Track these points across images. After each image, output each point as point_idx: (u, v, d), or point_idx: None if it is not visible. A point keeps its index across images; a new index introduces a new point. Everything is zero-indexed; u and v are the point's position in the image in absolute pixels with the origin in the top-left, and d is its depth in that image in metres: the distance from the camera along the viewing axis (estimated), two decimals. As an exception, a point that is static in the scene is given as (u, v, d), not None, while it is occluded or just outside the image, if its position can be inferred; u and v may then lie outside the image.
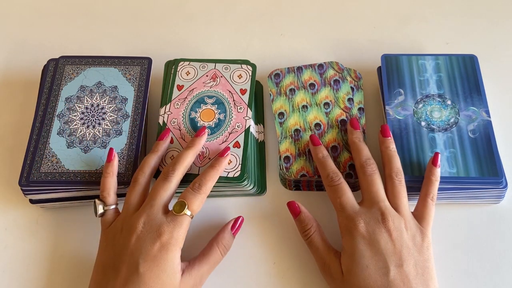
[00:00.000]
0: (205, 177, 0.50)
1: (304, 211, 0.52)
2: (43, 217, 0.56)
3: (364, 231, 0.46)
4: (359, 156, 0.52)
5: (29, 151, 0.54)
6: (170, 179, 0.49)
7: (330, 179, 0.51)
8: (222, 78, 0.59)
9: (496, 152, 0.53)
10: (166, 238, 0.45)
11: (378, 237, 0.46)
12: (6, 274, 0.53)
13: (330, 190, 0.50)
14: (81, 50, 0.68)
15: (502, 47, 0.67)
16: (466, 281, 0.51)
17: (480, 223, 0.54)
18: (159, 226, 0.46)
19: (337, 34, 0.69)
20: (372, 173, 0.50)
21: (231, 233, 0.51)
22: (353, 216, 0.47)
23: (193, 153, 0.52)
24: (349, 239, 0.47)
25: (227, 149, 0.53)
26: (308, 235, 0.50)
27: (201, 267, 0.48)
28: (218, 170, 0.51)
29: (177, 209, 0.47)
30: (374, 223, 0.47)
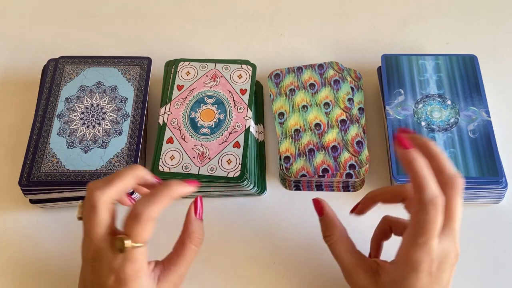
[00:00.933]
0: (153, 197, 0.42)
1: (328, 214, 0.47)
2: (43, 217, 0.56)
3: (434, 270, 0.40)
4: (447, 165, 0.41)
5: (29, 151, 0.54)
6: (96, 209, 0.42)
7: (432, 207, 0.39)
8: (222, 78, 0.59)
9: (496, 152, 0.53)
10: (119, 275, 0.41)
11: (443, 276, 0.41)
12: (6, 274, 0.53)
13: (423, 221, 0.39)
14: (81, 50, 0.68)
15: (502, 47, 0.67)
16: (466, 281, 0.51)
17: (480, 223, 0.54)
18: (108, 263, 0.41)
19: (337, 34, 0.69)
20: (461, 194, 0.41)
21: (197, 219, 0.46)
22: (432, 256, 0.40)
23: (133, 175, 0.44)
24: (411, 271, 0.40)
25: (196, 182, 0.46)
26: (329, 242, 0.46)
27: (178, 269, 0.45)
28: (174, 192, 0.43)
29: (120, 247, 0.40)
30: (446, 263, 0.41)
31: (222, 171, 0.53)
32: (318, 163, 0.55)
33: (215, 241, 0.54)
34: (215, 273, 0.52)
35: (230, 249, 0.53)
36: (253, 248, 0.53)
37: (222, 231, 0.55)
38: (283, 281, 0.52)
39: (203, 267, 0.52)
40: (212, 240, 0.54)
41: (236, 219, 0.55)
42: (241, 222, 0.55)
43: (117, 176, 0.43)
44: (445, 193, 0.40)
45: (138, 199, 0.43)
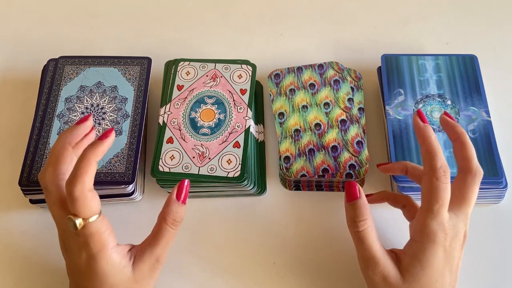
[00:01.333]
0: (74, 174, 0.42)
1: (364, 199, 0.45)
2: (43, 217, 0.56)
3: (448, 246, 0.43)
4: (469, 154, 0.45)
5: (29, 151, 0.54)
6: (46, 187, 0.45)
7: (441, 174, 0.43)
8: (222, 78, 0.59)
9: (496, 152, 0.53)
10: (87, 250, 0.43)
11: (455, 254, 0.44)
12: (6, 274, 0.53)
13: (433, 188, 0.43)
14: (81, 50, 0.68)
15: (502, 47, 0.67)
16: (466, 281, 0.51)
17: (480, 223, 0.54)
18: (74, 241, 0.43)
19: (337, 34, 0.69)
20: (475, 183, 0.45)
21: (178, 202, 0.46)
22: (445, 227, 0.43)
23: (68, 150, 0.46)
24: (430, 248, 0.43)
25: (110, 131, 0.45)
26: (362, 227, 0.44)
27: (153, 250, 0.45)
28: (91, 160, 0.43)
29: (72, 226, 0.42)
30: (457, 239, 0.44)
31: (222, 171, 0.53)
32: (318, 163, 0.55)
33: (215, 241, 0.54)
34: (215, 273, 0.52)
35: (230, 249, 0.53)
36: (253, 248, 0.53)
37: (222, 231, 0.55)
38: (283, 281, 0.52)
39: (203, 267, 0.52)
40: (212, 240, 0.54)
41: (236, 219, 0.55)
42: (241, 222, 0.55)
43: (51, 153, 0.46)
44: (466, 177, 0.45)
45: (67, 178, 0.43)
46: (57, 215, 0.44)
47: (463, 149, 0.46)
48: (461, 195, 0.45)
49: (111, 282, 0.43)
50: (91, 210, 0.42)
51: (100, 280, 0.43)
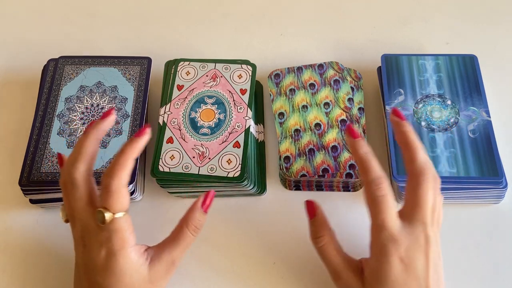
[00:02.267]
0: (113, 168, 0.43)
1: (320, 215, 0.47)
2: (43, 217, 0.56)
3: (404, 256, 0.42)
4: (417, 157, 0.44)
5: (29, 151, 0.54)
6: (74, 184, 0.44)
7: (375, 187, 0.43)
8: (222, 78, 0.59)
9: (496, 152, 0.53)
10: (108, 246, 0.43)
11: (417, 263, 0.42)
12: (6, 274, 0.53)
13: (372, 201, 0.43)
14: (81, 50, 0.68)
15: (502, 47, 0.67)
16: (466, 281, 0.51)
17: (480, 223, 0.54)
18: (96, 236, 0.43)
19: (337, 34, 0.69)
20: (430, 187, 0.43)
21: (202, 210, 0.47)
22: (395, 238, 0.42)
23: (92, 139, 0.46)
24: (384, 262, 0.42)
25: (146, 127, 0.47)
26: (320, 244, 0.46)
27: (171, 252, 0.46)
28: (128, 155, 0.44)
29: (101, 219, 0.43)
30: (416, 248, 0.42)
31: (222, 171, 0.53)
32: (318, 163, 0.55)
33: (215, 241, 0.54)
34: (215, 273, 0.52)
35: (230, 249, 0.53)
36: (253, 248, 0.53)
37: (222, 231, 0.55)
38: (283, 281, 0.51)
39: (203, 267, 0.52)
40: (212, 240, 0.54)
41: (236, 219, 0.55)
42: (241, 222, 0.55)
43: (80, 146, 0.46)
44: (411, 180, 0.44)
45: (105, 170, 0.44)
46: (82, 210, 0.44)
47: (404, 151, 0.46)
48: (411, 199, 0.44)
49: (127, 281, 0.43)
50: (122, 205, 0.43)
51: (116, 277, 0.43)
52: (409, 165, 0.45)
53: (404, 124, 0.47)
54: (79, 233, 0.44)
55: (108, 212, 0.42)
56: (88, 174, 0.45)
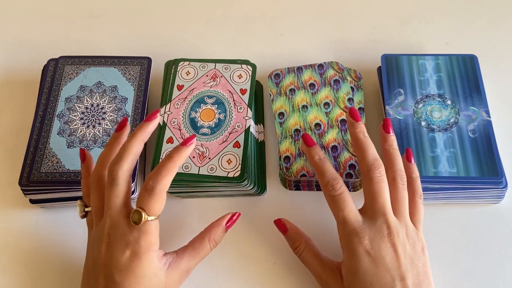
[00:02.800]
0: (159, 172, 0.45)
1: (291, 228, 0.50)
2: (43, 217, 0.56)
3: (369, 248, 0.44)
4: (366, 156, 0.47)
5: (29, 151, 0.54)
6: (117, 181, 0.45)
7: (330, 188, 0.46)
8: (222, 78, 0.59)
9: (496, 152, 0.53)
10: (134, 248, 0.43)
11: (383, 253, 0.44)
12: (6, 274, 0.53)
13: (330, 200, 0.47)
14: (81, 50, 0.68)
15: (502, 47, 0.67)
16: (466, 281, 0.51)
17: (480, 223, 0.54)
18: (124, 236, 0.44)
19: (337, 34, 0.69)
20: (380, 180, 0.46)
21: (224, 228, 0.49)
22: (357, 231, 0.45)
23: (139, 142, 0.47)
24: (352, 256, 0.45)
25: (192, 137, 0.47)
26: (299, 252, 0.49)
27: (190, 261, 0.47)
28: (176, 162, 0.45)
29: (136, 219, 0.43)
30: (380, 238, 0.44)
31: (222, 171, 0.53)
32: (318, 163, 0.54)
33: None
34: (215, 273, 0.52)
35: (230, 249, 0.53)
36: (253, 248, 0.53)
37: (222, 231, 0.55)
38: (283, 281, 0.52)
39: (202, 267, 0.52)
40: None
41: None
42: (241, 222, 0.55)
43: (127, 147, 0.46)
44: (364, 178, 0.47)
45: (157, 165, 0.46)
46: (117, 207, 0.45)
47: (356, 150, 0.49)
48: (368, 195, 0.47)
49: (146, 283, 0.44)
50: (159, 209, 0.44)
51: (136, 279, 0.43)
52: (361, 164, 0.48)
53: (356, 126, 0.49)
54: (106, 230, 0.44)
55: (145, 213, 0.43)
56: (129, 174, 0.46)
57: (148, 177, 0.44)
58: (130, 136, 0.47)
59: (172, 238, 0.54)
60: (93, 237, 0.46)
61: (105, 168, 0.47)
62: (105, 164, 0.48)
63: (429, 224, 0.54)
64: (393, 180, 0.47)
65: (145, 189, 0.44)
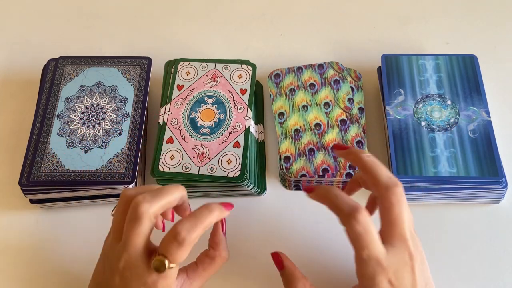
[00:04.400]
0: (195, 223, 0.42)
1: (289, 267, 0.47)
2: (43, 217, 0.56)
3: (393, 280, 0.41)
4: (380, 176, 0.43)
5: (29, 151, 0.54)
6: (141, 221, 0.41)
7: (353, 220, 0.41)
8: (222, 78, 0.59)
9: (496, 152, 0.53)
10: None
11: (406, 281, 0.41)
12: (6, 274, 0.53)
13: (355, 236, 0.41)
14: (81, 50, 0.68)
15: (502, 47, 0.67)
16: (466, 281, 0.51)
17: (480, 223, 0.54)
18: (141, 276, 0.41)
19: (337, 34, 0.69)
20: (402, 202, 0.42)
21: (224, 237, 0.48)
22: (383, 266, 0.41)
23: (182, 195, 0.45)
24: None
25: (230, 206, 0.46)
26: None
27: (200, 282, 0.46)
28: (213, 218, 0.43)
29: (157, 267, 0.41)
30: (403, 267, 0.41)
31: (222, 171, 0.53)
32: (318, 163, 0.55)
33: (215, 241, 0.54)
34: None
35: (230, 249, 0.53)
36: (253, 248, 0.53)
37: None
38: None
39: (203, 267, 0.52)
40: (212, 240, 0.54)
41: (236, 219, 0.55)
42: (241, 222, 0.55)
43: (165, 191, 0.43)
44: (381, 198, 0.42)
45: (180, 220, 0.42)
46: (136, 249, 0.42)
47: (366, 170, 0.44)
48: (386, 218, 0.42)
49: None
50: (183, 258, 0.41)
51: None
52: (374, 188, 0.44)
53: (350, 152, 0.46)
54: (122, 265, 0.42)
55: (168, 262, 0.40)
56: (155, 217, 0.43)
57: (179, 225, 0.41)
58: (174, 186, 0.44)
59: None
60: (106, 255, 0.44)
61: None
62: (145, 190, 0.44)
63: (429, 224, 0.54)
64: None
65: (174, 238, 0.41)
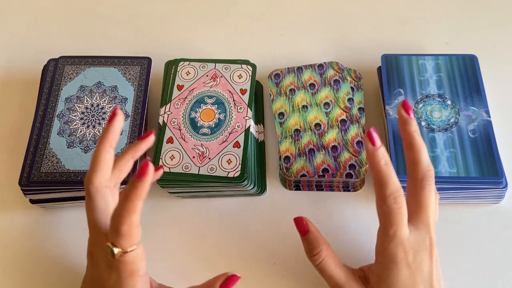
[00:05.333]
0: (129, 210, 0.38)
1: (313, 231, 0.46)
2: (43, 217, 0.56)
3: (411, 261, 0.42)
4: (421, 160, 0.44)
5: (29, 151, 0.54)
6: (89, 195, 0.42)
7: (393, 200, 0.42)
8: (222, 78, 0.59)
9: (496, 152, 0.53)
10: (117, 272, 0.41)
11: (423, 265, 0.43)
12: (6, 274, 0.53)
13: (387, 213, 0.42)
14: (81, 50, 0.68)
15: (502, 47, 0.67)
16: (466, 281, 0.51)
17: (480, 223, 0.54)
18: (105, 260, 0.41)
19: (337, 34, 0.69)
20: (432, 189, 0.44)
21: None
22: (404, 245, 0.42)
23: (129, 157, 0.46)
24: (393, 268, 0.43)
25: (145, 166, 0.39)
26: (318, 261, 0.45)
27: None
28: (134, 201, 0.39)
29: (111, 254, 0.39)
30: (422, 250, 0.43)
31: (222, 171, 0.53)
32: (318, 163, 0.55)
33: (215, 241, 0.54)
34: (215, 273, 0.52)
35: (230, 249, 0.53)
36: (253, 248, 0.53)
37: (222, 231, 0.55)
38: (283, 281, 0.52)
39: (202, 267, 0.52)
40: (212, 240, 0.54)
41: (236, 219, 0.55)
42: (241, 222, 0.55)
43: (94, 158, 0.43)
44: (415, 184, 0.44)
45: (115, 209, 0.39)
46: (93, 225, 0.42)
47: (410, 151, 0.45)
48: (416, 204, 0.44)
49: None
50: (133, 243, 0.40)
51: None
52: (412, 167, 0.44)
53: (411, 123, 0.45)
54: (89, 246, 0.43)
55: (117, 248, 0.39)
56: (103, 186, 0.43)
57: (113, 213, 0.39)
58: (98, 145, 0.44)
59: (172, 238, 0.54)
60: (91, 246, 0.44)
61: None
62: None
63: (429, 224, 0.54)
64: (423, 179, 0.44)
65: (113, 227, 0.39)
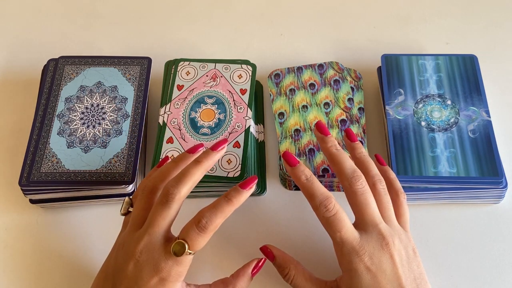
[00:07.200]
0: (215, 212, 0.42)
1: (279, 255, 0.48)
2: (43, 217, 0.56)
3: (370, 264, 0.43)
4: (344, 170, 0.46)
5: (29, 151, 0.54)
6: (170, 204, 0.43)
7: (324, 209, 0.44)
8: (222, 78, 0.59)
9: (496, 152, 0.53)
10: (164, 275, 0.41)
11: (384, 266, 0.43)
12: (6, 274, 0.53)
13: (325, 222, 0.44)
14: (81, 50, 0.68)
15: (502, 47, 0.67)
16: (466, 281, 0.51)
17: (480, 223, 0.54)
18: (157, 261, 0.41)
19: (337, 34, 0.69)
20: (364, 191, 0.45)
21: (250, 276, 0.48)
22: (356, 249, 0.43)
23: (202, 170, 0.45)
24: (353, 276, 0.43)
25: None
26: (289, 279, 0.47)
27: None
28: (233, 203, 0.43)
29: (177, 251, 0.41)
30: (378, 251, 0.43)
31: (222, 171, 0.53)
32: (318, 163, 0.55)
33: (214, 241, 0.54)
34: (214, 273, 0.52)
35: (230, 249, 0.53)
36: (253, 248, 0.53)
37: (222, 231, 0.54)
38: (283, 281, 0.51)
39: (202, 267, 0.52)
40: (212, 240, 0.54)
41: (236, 219, 0.55)
42: (241, 222, 0.55)
43: (190, 173, 0.44)
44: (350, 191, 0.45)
45: (201, 210, 0.43)
46: (160, 231, 0.42)
47: (332, 164, 0.48)
48: (355, 208, 0.45)
49: None
50: (202, 245, 0.42)
51: None
52: (340, 178, 0.47)
53: (326, 140, 0.48)
54: (140, 247, 0.42)
55: (188, 247, 0.41)
56: (183, 200, 0.44)
57: (201, 213, 0.42)
58: (195, 162, 0.45)
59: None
60: (122, 244, 0.44)
61: (163, 182, 0.46)
62: (165, 178, 0.46)
63: (429, 224, 0.54)
64: (373, 186, 0.46)
65: (196, 224, 0.42)
